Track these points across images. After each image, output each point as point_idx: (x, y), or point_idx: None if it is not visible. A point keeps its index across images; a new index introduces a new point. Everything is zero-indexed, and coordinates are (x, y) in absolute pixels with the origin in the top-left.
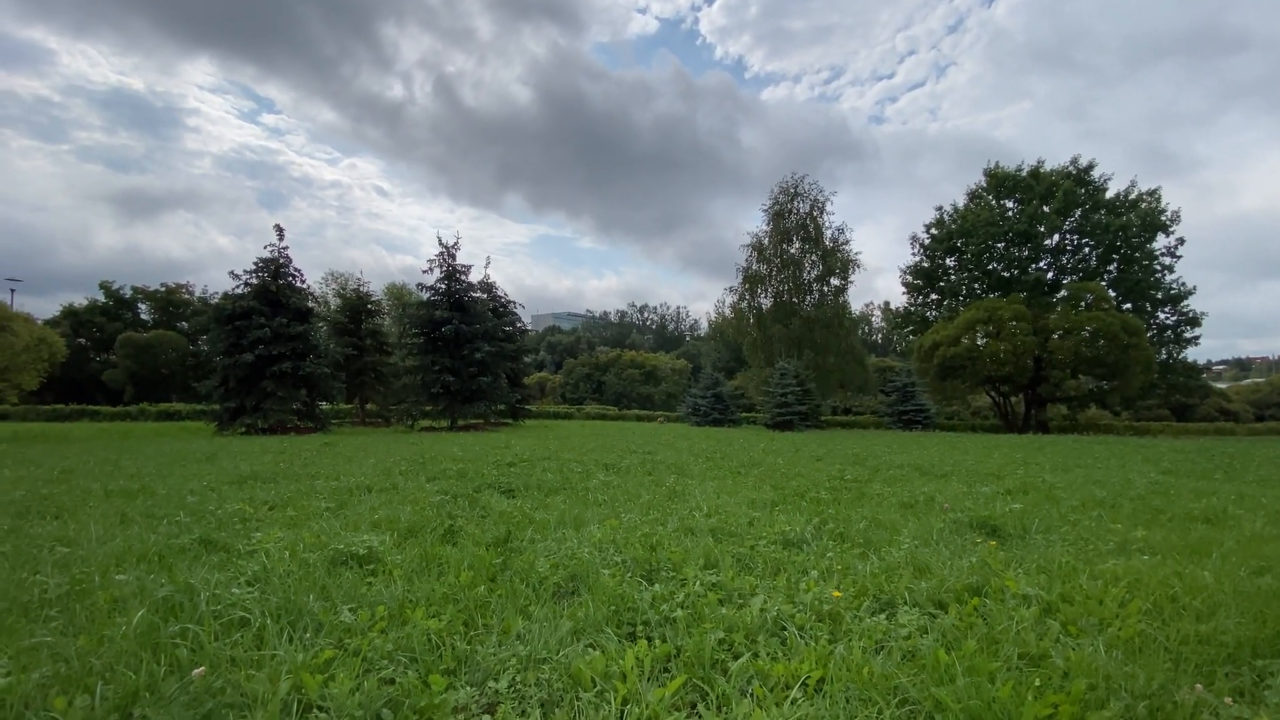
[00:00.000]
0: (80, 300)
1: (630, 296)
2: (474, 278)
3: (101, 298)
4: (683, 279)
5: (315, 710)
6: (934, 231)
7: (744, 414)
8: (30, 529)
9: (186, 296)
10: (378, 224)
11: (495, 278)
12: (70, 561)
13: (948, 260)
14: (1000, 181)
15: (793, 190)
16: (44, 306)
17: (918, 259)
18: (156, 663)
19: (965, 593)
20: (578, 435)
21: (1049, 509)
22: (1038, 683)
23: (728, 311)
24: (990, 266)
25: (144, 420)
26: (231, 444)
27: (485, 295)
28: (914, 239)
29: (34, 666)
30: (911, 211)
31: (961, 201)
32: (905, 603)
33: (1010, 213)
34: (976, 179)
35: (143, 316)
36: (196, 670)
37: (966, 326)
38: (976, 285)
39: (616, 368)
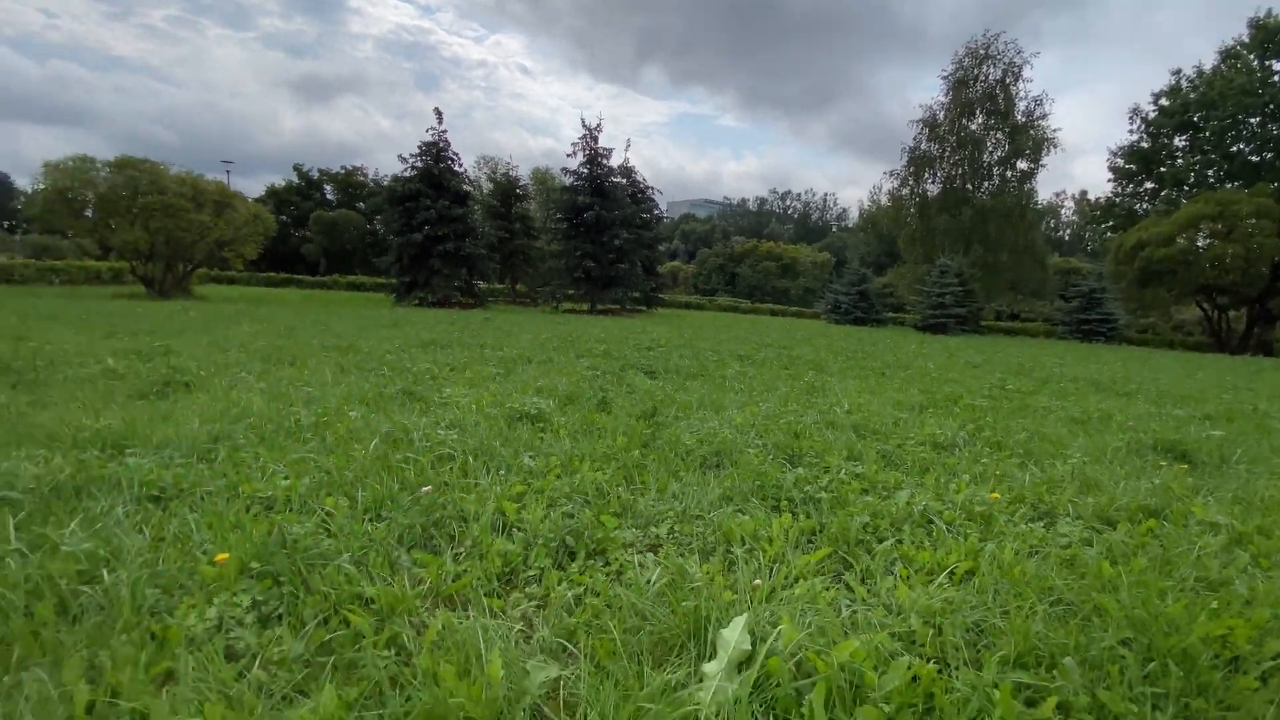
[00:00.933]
0: (279, 181)
1: (771, 182)
2: (614, 162)
3: (295, 179)
4: (833, 161)
5: (514, 530)
6: (1164, 103)
7: (890, 314)
8: (276, 372)
9: (361, 179)
10: (521, 105)
11: (633, 161)
12: (311, 400)
13: (1176, 139)
14: (1270, 35)
15: (981, 52)
16: (251, 186)
17: (1136, 138)
18: (391, 480)
19: (1140, 513)
20: (710, 326)
21: (1258, 440)
22: (1214, 605)
23: (884, 199)
24: (1235, 149)
25: (336, 290)
26: (409, 314)
27: (624, 180)
28: (1135, 111)
29: (303, 474)
30: (1137, 79)
31: (1210, 63)
32: (1067, 515)
33: (1278, 78)
34: (1237, 32)
35: (328, 197)
36: (424, 488)
37: (1187, 223)
38: (1210, 172)
39: (752, 259)
